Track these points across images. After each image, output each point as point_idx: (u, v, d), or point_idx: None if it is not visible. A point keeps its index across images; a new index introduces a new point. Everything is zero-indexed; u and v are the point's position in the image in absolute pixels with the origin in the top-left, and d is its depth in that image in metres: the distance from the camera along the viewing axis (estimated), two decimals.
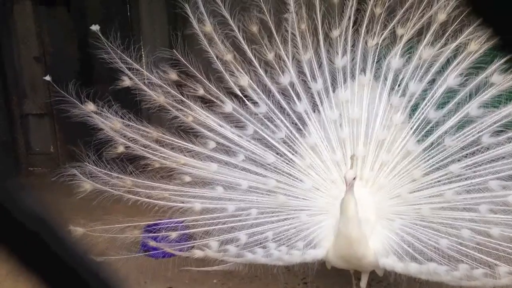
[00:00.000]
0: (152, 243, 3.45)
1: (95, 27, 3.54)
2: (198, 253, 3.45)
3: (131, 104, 3.69)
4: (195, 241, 3.47)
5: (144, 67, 3.56)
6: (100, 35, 3.52)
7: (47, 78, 3.65)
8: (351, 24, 3.73)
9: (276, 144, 3.72)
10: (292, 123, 3.75)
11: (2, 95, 6.00)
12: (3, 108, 6.02)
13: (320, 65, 3.76)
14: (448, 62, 3.60)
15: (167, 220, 3.50)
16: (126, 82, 3.65)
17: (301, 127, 3.74)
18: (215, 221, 3.58)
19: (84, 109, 3.56)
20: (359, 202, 3.25)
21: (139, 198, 3.50)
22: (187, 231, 3.54)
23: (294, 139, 3.73)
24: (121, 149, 3.61)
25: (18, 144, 6.10)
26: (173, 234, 3.48)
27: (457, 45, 3.58)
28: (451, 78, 3.56)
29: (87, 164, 3.49)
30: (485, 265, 3.22)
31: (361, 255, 3.34)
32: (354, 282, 3.84)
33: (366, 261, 3.37)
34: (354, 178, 3.17)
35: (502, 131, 3.43)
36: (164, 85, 3.62)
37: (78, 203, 3.63)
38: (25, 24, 6.03)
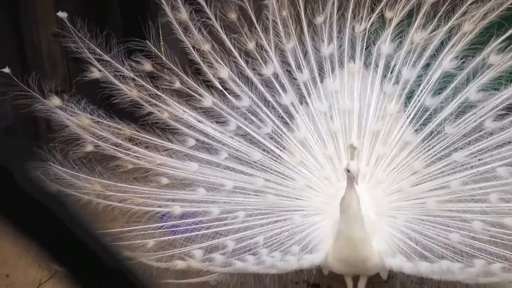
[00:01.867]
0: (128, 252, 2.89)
1: (62, 14, 3.08)
2: (180, 264, 2.92)
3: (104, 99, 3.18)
4: (175, 250, 2.94)
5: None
6: (67, 22, 3.05)
7: (6, 70, 3.11)
8: (335, 9, 3.36)
9: (262, 140, 3.28)
10: (278, 116, 3.32)
11: (21, 73, 5.85)
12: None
13: (305, 54, 3.37)
14: (442, 45, 3.26)
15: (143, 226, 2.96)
16: (95, 73, 3.16)
17: (288, 120, 3.32)
18: (197, 226, 3.07)
19: (47, 104, 3.04)
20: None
21: (110, 202, 2.96)
22: (166, 238, 3.01)
23: (282, 133, 3.29)
24: (89, 148, 3.10)
25: (38, 123, 5.70)
26: (151, 242, 2.95)
27: (450, 27, 3.25)
28: (446, 62, 3.22)
29: (52, 164, 2.95)
30: (502, 259, 2.83)
31: (366, 257, 2.89)
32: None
33: (371, 263, 2.92)
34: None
35: (505, 114, 3.09)
36: (137, 78, 3.15)
37: None
38: (43, 1, 5.77)
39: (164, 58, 3.22)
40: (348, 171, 2.73)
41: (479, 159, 3.07)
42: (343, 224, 2.84)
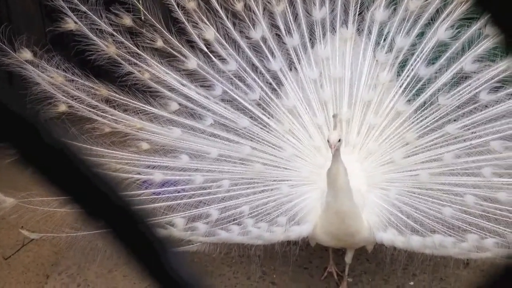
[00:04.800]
0: None
1: None
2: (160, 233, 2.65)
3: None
4: (156, 218, 2.67)
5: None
6: None
7: None
8: None
9: (249, 107, 3.03)
10: (267, 82, 3.07)
11: None
12: None
13: (295, 18, 3.11)
14: (437, 13, 3.05)
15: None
16: (70, 25, 2.81)
17: (276, 87, 3.07)
18: (179, 194, 2.80)
19: (16, 57, 2.69)
20: (347, 171, 2.61)
21: None
22: (146, 207, 2.73)
23: (270, 100, 3.05)
24: (63, 108, 2.77)
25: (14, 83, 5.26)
26: None
27: None
28: (441, 31, 3.01)
29: None
30: (495, 234, 2.67)
31: (354, 231, 2.69)
32: (331, 258, 3.20)
33: (360, 237, 2.73)
34: (339, 141, 2.50)
35: (501, 87, 2.92)
36: (116, 33, 2.83)
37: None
38: None
39: (147, 14, 2.90)
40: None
41: (472, 132, 2.90)
42: (331, 197, 2.62)
